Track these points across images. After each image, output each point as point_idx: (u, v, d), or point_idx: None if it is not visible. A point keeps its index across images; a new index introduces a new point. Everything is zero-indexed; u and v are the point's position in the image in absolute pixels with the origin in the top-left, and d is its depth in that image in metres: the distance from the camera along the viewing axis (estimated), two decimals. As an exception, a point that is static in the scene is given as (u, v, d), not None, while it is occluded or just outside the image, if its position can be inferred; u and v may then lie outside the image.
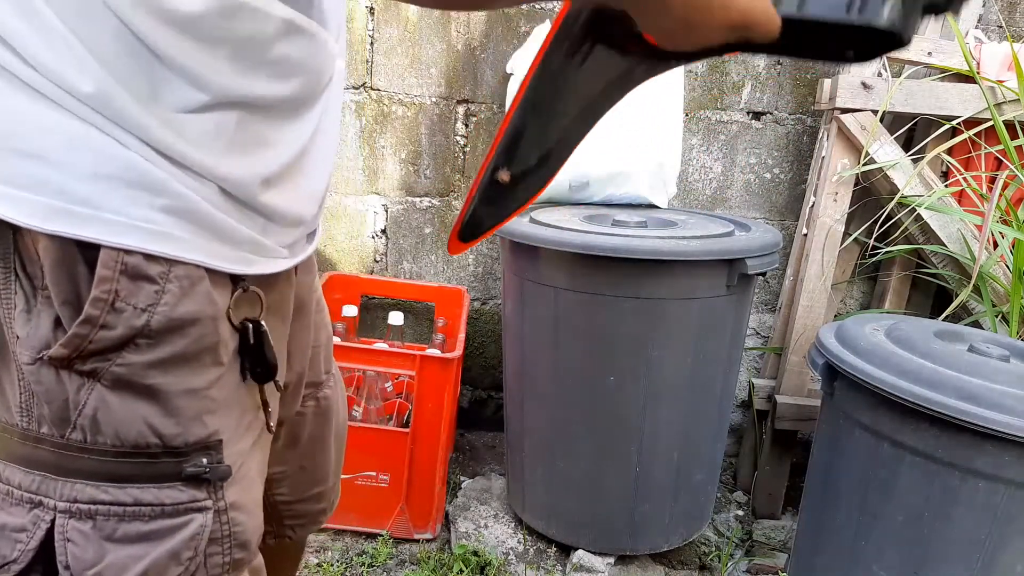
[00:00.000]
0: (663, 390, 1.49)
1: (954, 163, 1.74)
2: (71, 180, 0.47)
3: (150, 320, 0.50)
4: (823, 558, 1.32)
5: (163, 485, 0.54)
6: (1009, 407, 1.03)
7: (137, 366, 0.51)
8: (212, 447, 0.56)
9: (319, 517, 0.90)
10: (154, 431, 0.53)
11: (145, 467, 0.53)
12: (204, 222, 0.52)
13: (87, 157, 0.47)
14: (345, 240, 2.11)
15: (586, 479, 1.57)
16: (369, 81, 1.99)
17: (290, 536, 0.87)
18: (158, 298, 0.50)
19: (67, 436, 0.52)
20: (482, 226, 0.68)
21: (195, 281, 0.52)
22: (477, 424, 2.25)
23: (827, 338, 1.31)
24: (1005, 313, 1.59)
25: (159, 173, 0.49)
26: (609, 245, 1.37)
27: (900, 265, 1.88)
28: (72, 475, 0.52)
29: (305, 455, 0.84)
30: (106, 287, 0.49)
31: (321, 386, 0.84)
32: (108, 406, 0.52)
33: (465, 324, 1.82)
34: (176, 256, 0.51)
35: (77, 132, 0.47)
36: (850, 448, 1.25)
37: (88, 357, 0.50)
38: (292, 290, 0.69)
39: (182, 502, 0.55)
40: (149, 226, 0.49)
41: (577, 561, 1.61)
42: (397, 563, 1.65)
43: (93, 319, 0.49)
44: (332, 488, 0.90)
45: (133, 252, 0.49)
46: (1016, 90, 1.63)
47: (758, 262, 1.43)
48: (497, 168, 0.63)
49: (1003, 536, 1.07)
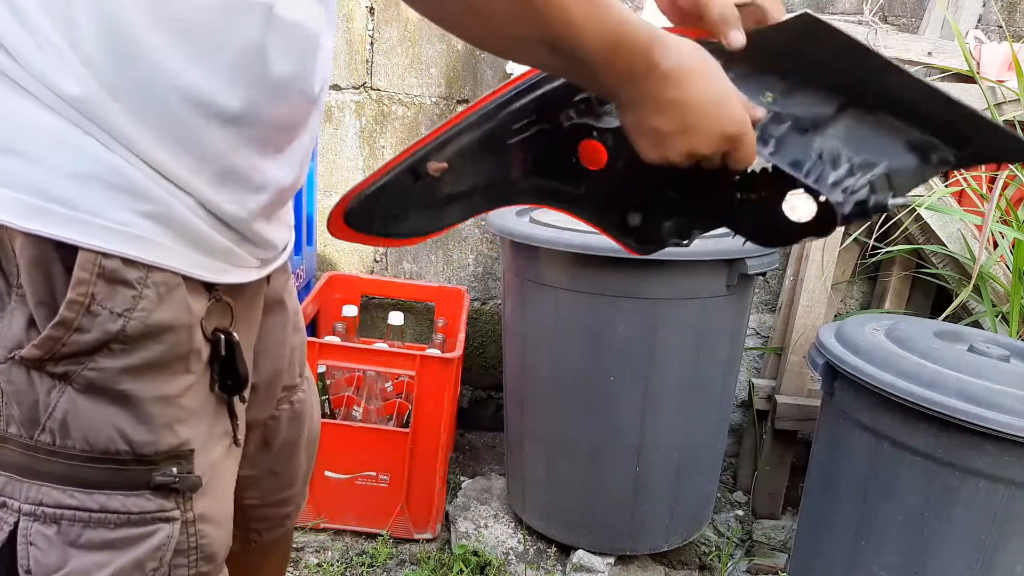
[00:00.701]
0: (663, 390, 1.48)
1: (954, 163, 1.74)
2: (51, 178, 0.47)
3: (126, 325, 0.50)
4: (823, 558, 1.32)
5: (131, 493, 0.53)
6: (1009, 407, 1.03)
7: (110, 371, 0.51)
8: (183, 456, 0.55)
9: (285, 520, 0.88)
10: (124, 438, 0.52)
11: (114, 474, 0.52)
12: (184, 230, 0.52)
13: (68, 157, 0.47)
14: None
15: (586, 479, 1.57)
16: (369, 81, 1.99)
17: (255, 539, 0.86)
18: (135, 303, 0.50)
19: (35, 438, 0.51)
20: (372, 224, 0.64)
21: (172, 288, 0.52)
22: (477, 424, 2.25)
23: (827, 338, 1.31)
24: (1005, 313, 1.59)
25: (141, 178, 0.49)
26: (609, 245, 1.36)
27: (900, 265, 1.88)
28: (39, 478, 0.51)
29: (277, 460, 0.82)
30: (82, 290, 0.48)
31: (295, 389, 0.83)
32: (78, 410, 0.51)
33: (465, 324, 1.82)
34: (155, 262, 0.50)
35: (60, 131, 0.47)
36: (850, 448, 1.25)
37: (61, 359, 0.49)
38: (261, 298, 0.68)
39: (149, 511, 0.54)
40: (128, 230, 0.49)
41: (577, 561, 1.61)
42: (397, 563, 1.65)
43: (68, 322, 0.48)
44: (300, 492, 0.89)
45: (111, 256, 0.48)
46: (1016, 90, 1.63)
47: (758, 262, 1.44)
48: (426, 158, 0.61)
49: (1003, 536, 1.07)
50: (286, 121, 0.58)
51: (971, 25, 1.82)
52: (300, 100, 0.59)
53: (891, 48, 1.75)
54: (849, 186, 0.59)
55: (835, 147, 0.60)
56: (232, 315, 0.59)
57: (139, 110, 0.48)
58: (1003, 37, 1.88)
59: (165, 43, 0.47)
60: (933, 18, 1.84)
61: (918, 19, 1.91)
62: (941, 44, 1.76)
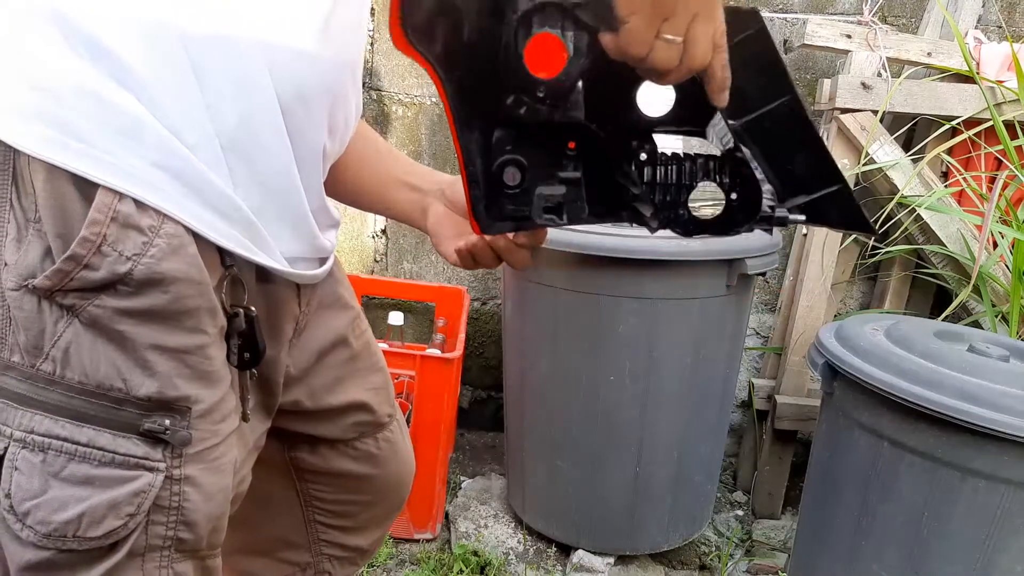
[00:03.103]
0: (663, 390, 1.49)
1: (954, 163, 1.74)
2: (73, 116, 0.49)
3: (133, 269, 0.51)
4: (823, 558, 1.32)
5: (120, 433, 0.54)
6: (1009, 407, 1.03)
7: (111, 310, 0.52)
8: (178, 411, 0.56)
9: (356, 558, 0.91)
10: (120, 376, 0.53)
11: (106, 410, 0.54)
12: (197, 186, 0.53)
13: (89, 98, 0.50)
14: (345, 240, 2.11)
15: (586, 479, 1.57)
16: (369, 81, 1.99)
17: (329, 572, 0.88)
18: (145, 249, 0.52)
19: (37, 367, 0.53)
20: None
21: (185, 243, 0.53)
22: (477, 424, 2.25)
23: (827, 338, 1.31)
24: (1005, 313, 1.59)
25: (160, 129, 0.51)
26: (609, 245, 1.37)
27: (900, 265, 1.88)
28: (34, 406, 0.53)
29: (351, 489, 0.85)
30: (96, 229, 0.50)
31: (383, 428, 0.85)
32: (81, 342, 0.53)
33: (465, 324, 1.82)
34: (164, 209, 0.52)
35: (86, 74, 0.49)
36: (850, 448, 1.25)
37: (69, 292, 0.51)
38: (290, 308, 0.70)
39: (135, 455, 0.55)
40: (142, 175, 0.51)
41: (577, 561, 1.61)
42: (397, 563, 1.65)
43: (78, 257, 0.50)
44: (374, 532, 0.91)
45: (125, 199, 0.50)
46: (1016, 90, 1.63)
47: (758, 262, 1.44)
48: None
49: (1003, 536, 1.07)
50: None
51: (971, 25, 1.82)
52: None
53: (890, 48, 1.75)
54: (765, 191, 0.56)
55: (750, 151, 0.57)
56: (245, 292, 0.60)
57: (157, 66, 0.51)
58: (1003, 37, 1.88)
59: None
60: (933, 18, 1.84)
61: (917, 19, 1.91)
62: (941, 44, 1.76)
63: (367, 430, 0.83)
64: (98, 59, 0.49)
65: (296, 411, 0.76)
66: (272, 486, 0.82)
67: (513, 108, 0.53)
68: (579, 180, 0.60)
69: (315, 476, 0.83)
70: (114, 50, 0.49)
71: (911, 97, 1.72)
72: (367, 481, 0.85)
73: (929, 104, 1.72)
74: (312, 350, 0.75)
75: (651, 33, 0.47)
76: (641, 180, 0.58)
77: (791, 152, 0.57)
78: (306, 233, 0.66)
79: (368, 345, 0.84)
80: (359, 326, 0.83)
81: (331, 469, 0.83)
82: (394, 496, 0.90)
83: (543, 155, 0.57)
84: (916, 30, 1.90)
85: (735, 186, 0.57)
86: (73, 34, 0.49)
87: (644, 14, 0.46)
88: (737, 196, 0.57)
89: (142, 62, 0.50)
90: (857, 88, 1.72)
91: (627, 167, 0.58)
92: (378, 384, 0.84)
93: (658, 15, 0.46)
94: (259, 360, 0.63)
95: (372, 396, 0.83)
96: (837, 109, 1.74)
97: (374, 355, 0.85)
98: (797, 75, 1.97)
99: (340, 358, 0.79)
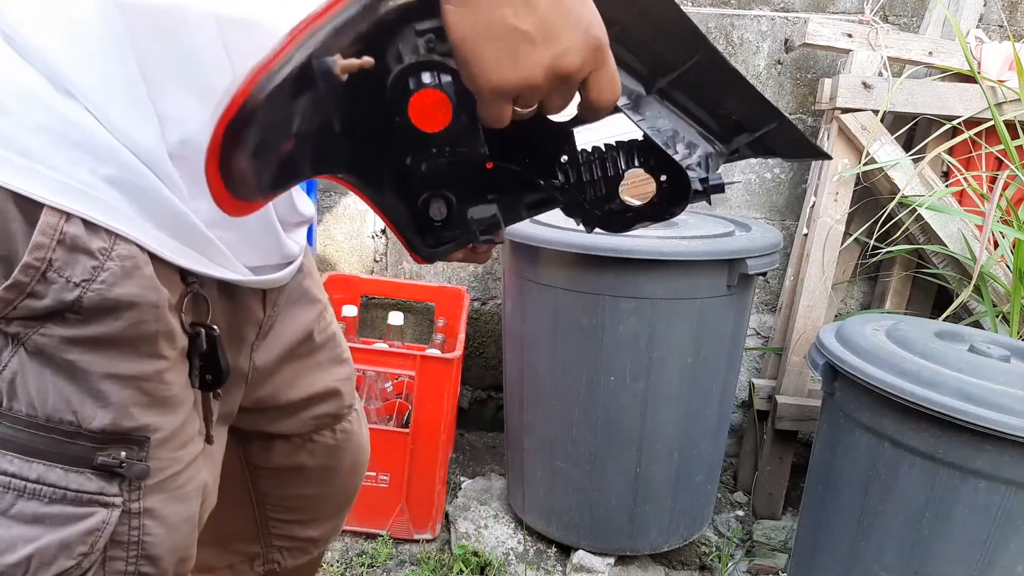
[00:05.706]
0: (663, 390, 1.48)
1: (955, 163, 1.74)
2: (15, 129, 0.45)
3: (82, 296, 0.48)
4: (823, 558, 1.32)
5: (72, 468, 0.51)
6: (1009, 407, 1.03)
7: (58, 339, 0.49)
8: (135, 442, 0.53)
9: (310, 546, 0.87)
10: (71, 408, 0.50)
11: (57, 444, 0.50)
12: (151, 203, 0.50)
13: (37, 109, 0.46)
14: (345, 240, 2.11)
15: (586, 479, 1.57)
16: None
17: (278, 563, 0.84)
18: (95, 274, 0.48)
19: None
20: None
21: (139, 263, 0.49)
22: (477, 424, 2.25)
23: (828, 338, 1.31)
24: (1005, 313, 1.59)
25: (111, 140, 0.47)
26: (609, 245, 1.37)
27: (901, 265, 1.88)
28: None
29: (308, 482, 0.82)
30: (40, 255, 0.46)
31: (341, 419, 0.82)
32: (27, 373, 0.49)
33: (465, 324, 1.82)
34: (115, 228, 0.48)
35: (32, 83, 0.45)
36: (850, 448, 1.25)
37: (13, 320, 0.48)
38: (255, 314, 0.66)
39: (88, 491, 0.51)
40: (91, 192, 0.47)
41: (577, 561, 1.61)
42: (397, 563, 1.65)
43: (21, 285, 0.47)
44: (331, 521, 0.88)
45: (74, 219, 0.47)
46: (1017, 90, 1.63)
47: (758, 262, 1.43)
48: None
49: (1003, 536, 1.07)
50: None
51: (972, 24, 1.82)
52: None
53: (891, 48, 1.75)
54: (691, 163, 0.56)
55: (668, 123, 0.56)
56: (208, 308, 0.57)
57: (104, 75, 0.47)
58: (1004, 36, 1.87)
59: None
60: (934, 17, 1.84)
61: (919, 18, 1.91)
62: (942, 43, 1.76)
63: (325, 422, 0.80)
64: (43, 66, 0.46)
65: (255, 408, 0.73)
66: (223, 483, 0.78)
67: (416, 165, 0.52)
68: (508, 190, 0.58)
69: (268, 472, 0.80)
70: (60, 57, 0.46)
71: (912, 97, 1.72)
72: (321, 473, 0.82)
73: (930, 104, 1.72)
74: (277, 349, 0.72)
75: (506, 108, 0.45)
76: (567, 184, 0.57)
77: (723, 98, 0.58)
78: (272, 240, 0.63)
79: (333, 337, 0.81)
80: (325, 318, 0.79)
81: (285, 464, 0.79)
82: (348, 486, 0.87)
83: (464, 183, 0.56)
84: (917, 29, 1.90)
85: (662, 168, 0.56)
86: (15, 40, 0.45)
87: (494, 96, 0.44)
88: (666, 179, 0.55)
89: (90, 69, 0.47)
90: (858, 87, 1.72)
91: (551, 178, 0.57)
92: (341, 376, 0.81)
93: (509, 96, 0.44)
94: (222, 382, 0.59)
95: (334, 389, 0.79)
96: (838, 109, 1.74)
97: (338, 347, 0.81)
98: (797, 75, 1.97)
99: (304, 352, 0.75)
